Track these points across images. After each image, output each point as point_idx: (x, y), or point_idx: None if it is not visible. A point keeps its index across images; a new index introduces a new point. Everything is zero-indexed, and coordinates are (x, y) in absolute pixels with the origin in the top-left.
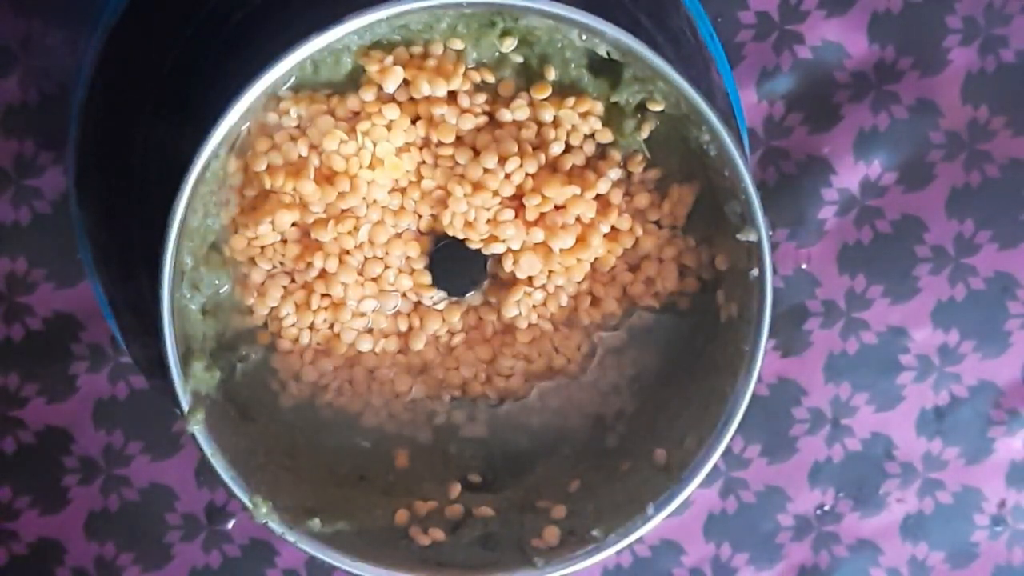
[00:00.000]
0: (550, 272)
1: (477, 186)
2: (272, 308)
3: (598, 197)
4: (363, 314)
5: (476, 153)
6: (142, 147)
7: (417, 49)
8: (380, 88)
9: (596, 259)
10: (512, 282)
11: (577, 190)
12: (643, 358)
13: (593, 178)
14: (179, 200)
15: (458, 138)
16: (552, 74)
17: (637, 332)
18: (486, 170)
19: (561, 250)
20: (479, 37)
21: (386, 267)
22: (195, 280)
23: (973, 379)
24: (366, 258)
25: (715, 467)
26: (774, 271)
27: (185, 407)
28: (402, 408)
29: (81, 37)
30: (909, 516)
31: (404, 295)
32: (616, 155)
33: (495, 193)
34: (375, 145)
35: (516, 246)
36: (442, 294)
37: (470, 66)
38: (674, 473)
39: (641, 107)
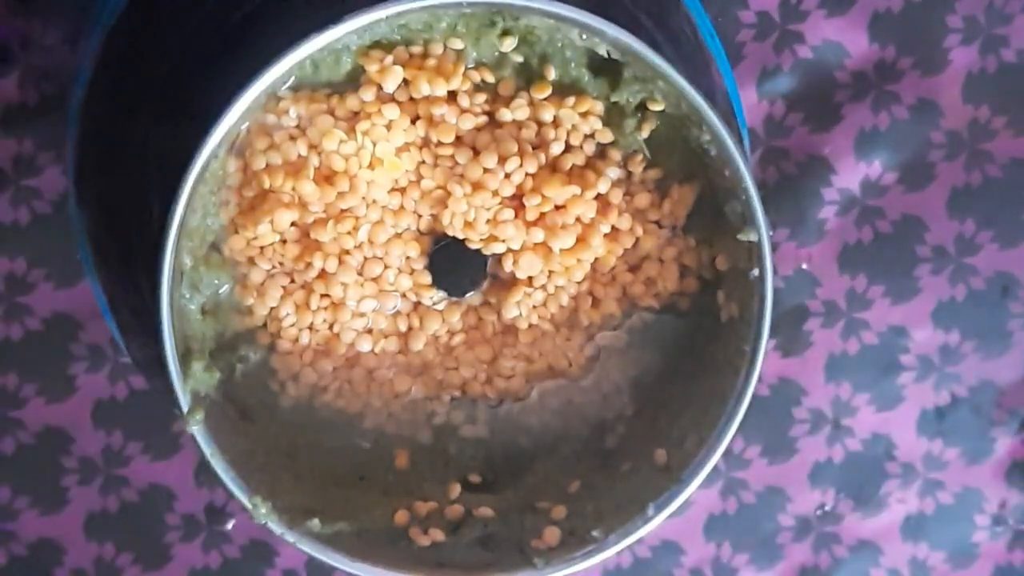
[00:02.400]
0: (550, 272)
1: (477, 186)
2: (272, 308)
3: (598, 197)
4: (363, 314)
5: (476, 153)
6: (142, 147)
7: (417, 49)
8: (380, 88)
9: (596, 259)
10: (512, 282)
11: (577, 190)
12: (643, 359)
13: (593, 178)
14: (178, 200)
15: (458, 138)
16: (552, 74)
17: (637, 333)
18: (486, 170)
19: (561, 250)
20: (479, 37)
21: (386, 267)
22: (195, 280)
23: (974, 379)
24: (366, 258)
25: (715, 467)
26: (774, 271)
27: (184, 407)
28: (402, 408)
29: (81, 37)
30: (910, 516)
31: (404, 295)
32: (616, 155)
33: (495, 193)
34: (375, 145)
35: (516, 246)
36: (442, 294)
37: (470, 66)
38: (674, 473)
39: (641, 107)
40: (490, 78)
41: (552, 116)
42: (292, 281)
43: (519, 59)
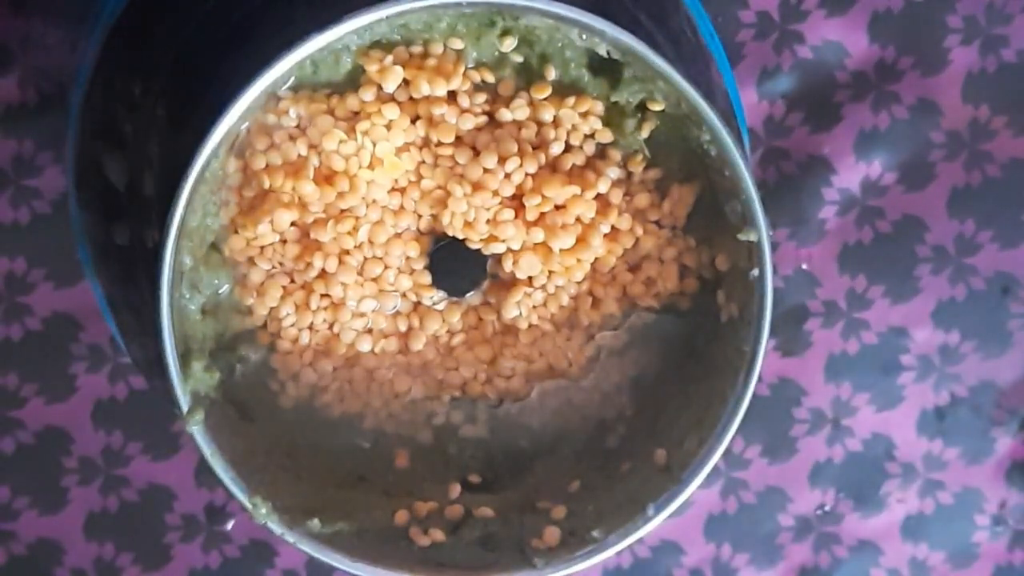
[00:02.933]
0: (550, 272)
1: (477, 186)
2: (271, 308)
3: (598, 197)
4: (363, 314)
5: (476, 153)
6: (142, 147)
7: (417, 49)
8: (380, 88)
9: (596, 259)
10: (512, 282)
11: (577, 190)
12: (643, 359)
13: (593, 178)
14: (178, 200)
15: (458, 138)
16: (552, 74)
17: (637, 333)
18: (486, 170)
19: (561, 250)
20: (479, 36)
21: (386, 267)
22: (194, 280)
23: (974, 379)
24: (366, 258)
25: (715, 467)
26: (774, 271)
27: (184, 407)
28: (402, 408)
29: (81, 37)
30: (910, 516)
31: (404, 295)
32: (616, 155)
33: (495, 193)
34: (375, 145)
35: (516, 246)
36: (442, 294)
37: (470, 66)
38: (674, 474)
39: (641, 107)
40: (490, 78)
41: (552, 116)
42: (292, 281)
43: (519, 59)
